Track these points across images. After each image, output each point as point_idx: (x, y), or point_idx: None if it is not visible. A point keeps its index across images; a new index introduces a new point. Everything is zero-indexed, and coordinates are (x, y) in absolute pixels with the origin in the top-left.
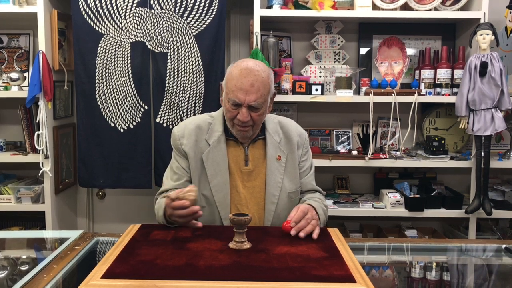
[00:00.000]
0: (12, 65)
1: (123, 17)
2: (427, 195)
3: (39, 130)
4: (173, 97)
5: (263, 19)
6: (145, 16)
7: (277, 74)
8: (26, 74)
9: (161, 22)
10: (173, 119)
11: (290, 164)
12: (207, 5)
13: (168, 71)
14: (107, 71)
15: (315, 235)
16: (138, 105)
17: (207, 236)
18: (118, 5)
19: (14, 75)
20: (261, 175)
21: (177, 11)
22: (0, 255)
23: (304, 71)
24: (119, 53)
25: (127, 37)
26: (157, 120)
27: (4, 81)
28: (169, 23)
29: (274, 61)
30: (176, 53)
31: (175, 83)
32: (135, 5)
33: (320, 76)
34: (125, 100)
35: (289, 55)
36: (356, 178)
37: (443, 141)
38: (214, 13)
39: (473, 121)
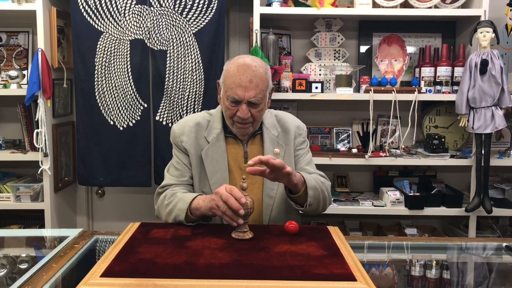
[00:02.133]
0: (11, 63)
1: (122, 14)
2: (427, 193)
3: (38, 128)
4: (172, 95)
5: (263, 17)
6: (145, 13)
7: (277, 72)
8: (25, 72)
9: (160, 20)
10: (172, 117)
11: (288, 156)
12: (206, 2)
13: (167, 69)
14: (106, 69)
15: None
16: (137, 103)
17: (207, 234)
18: (117, 3)
19: (13, 73)
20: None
21: (176, 9)
22: (0, 254)
23: (304, 69)
24: (118, 51)
25: (126, 35)
26: (157, 118)
27: (3, 79)
28: (168, 20)
29: (274, 59)
30: (175, 51)
31: (175, 81)
32: (134, 2)
33: (320, 74)
34: (125, 98)
35: (289, 53)
36: (356, 176)
37: (443, 139)
38: (213, 10)
39: (473, 119)
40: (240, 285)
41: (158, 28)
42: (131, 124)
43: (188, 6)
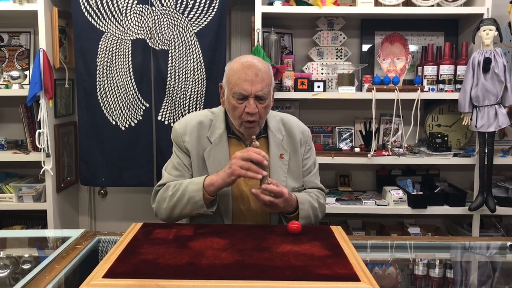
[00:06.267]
0: (13, 63)
1: (123, 14)
2: (430, 192)
3: (40, 128)
4: (174, 94)
5: (265, 16)
6: (146, 13)
7: (279, 71)
8: (27, 73)
9: (162, 20)
10: (174, 116)
11: (293, 162)
12: (208, 2)
13: (169, 68)
14: (108, 69)
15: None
16: (139, 103)
17: (209, 235)
18: (119, 3)
19: (15, 73)
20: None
21: (178, 8)
22: (2, 254)
23: (306, 68)
24: (120, 50)
25: (128, 35)
26: (159, 118)
27: (5, 80)
28: (170, 20)
29: (275, 58)
30: (177, 51)
31: (176, 81)
32: (135, 2)
33: (322, 73)
34: (126, 98)
35: (291, 52)
36: (358, 175)
37: (446, 138)
38: (215, 10)
39: (477, 118)
40: (243, 286)
41: (160, 28)
42: (133, 124)
43: (190, 6)
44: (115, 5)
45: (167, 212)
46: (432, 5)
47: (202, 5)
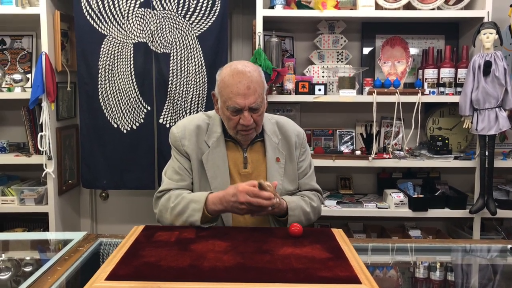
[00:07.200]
0: (15, 66)
1: (125, 18)
2: (431, 195)
3: (42, 131)
4: (176, 97)
5: (266, 19)
6: (148, 17)
7: (280, 74)
8: (29, 76)
9: (163, 23)
10: (176, 119)
11: (289, 165)
12: (209, 5)
13: (171, 71)
14: (110, 72)
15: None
16: (141, 106)
17: (211, 238)
18: (121, 6)
19: (17, 76)
20: (260, 178)
21: (179, 12)
22: (4, 257)
23: (307, 71)
24: (121, 54)
25: (129, 38)
26: (160, 121)
27: (7, 83)
28: (171, 23)
29: (277, 61)
30: (178, 54)
31: (178, 84)
32: (137, 6)
33: (323, 76)
34: (128, 101)
35: (292, 55)
36: (359, 178)
37: (446, 141)
38: (216, 13)
39: (477, 121)
40: None
41: (162, 31)
42: (134, 127)
43: (191, 9)
44: (117, 8)
45: (169, 223)
46: (433, 9)
47: (203, 8)
